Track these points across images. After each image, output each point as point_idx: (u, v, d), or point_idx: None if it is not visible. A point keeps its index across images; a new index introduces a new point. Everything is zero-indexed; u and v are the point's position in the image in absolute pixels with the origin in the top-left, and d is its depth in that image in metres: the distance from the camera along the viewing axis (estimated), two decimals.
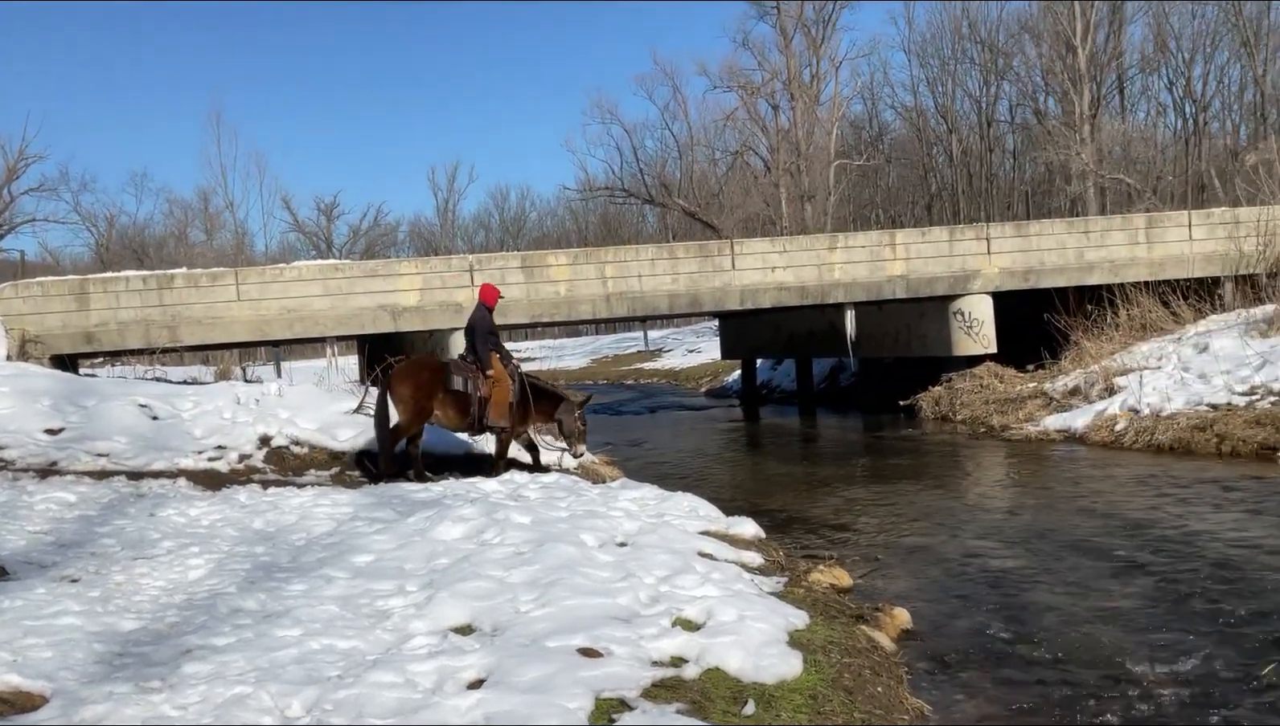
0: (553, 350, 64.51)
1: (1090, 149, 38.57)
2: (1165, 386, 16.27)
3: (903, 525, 10.80)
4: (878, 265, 21.60)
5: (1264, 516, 9.90)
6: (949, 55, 52.23)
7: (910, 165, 55.79)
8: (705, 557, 7.27)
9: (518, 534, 7.23)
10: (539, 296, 20.24)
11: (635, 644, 5.17)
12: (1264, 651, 6.12)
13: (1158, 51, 46.35)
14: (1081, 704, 5.57)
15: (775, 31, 47.30)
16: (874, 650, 6.05)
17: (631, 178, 55.22)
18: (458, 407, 11.41)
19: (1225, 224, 22.15)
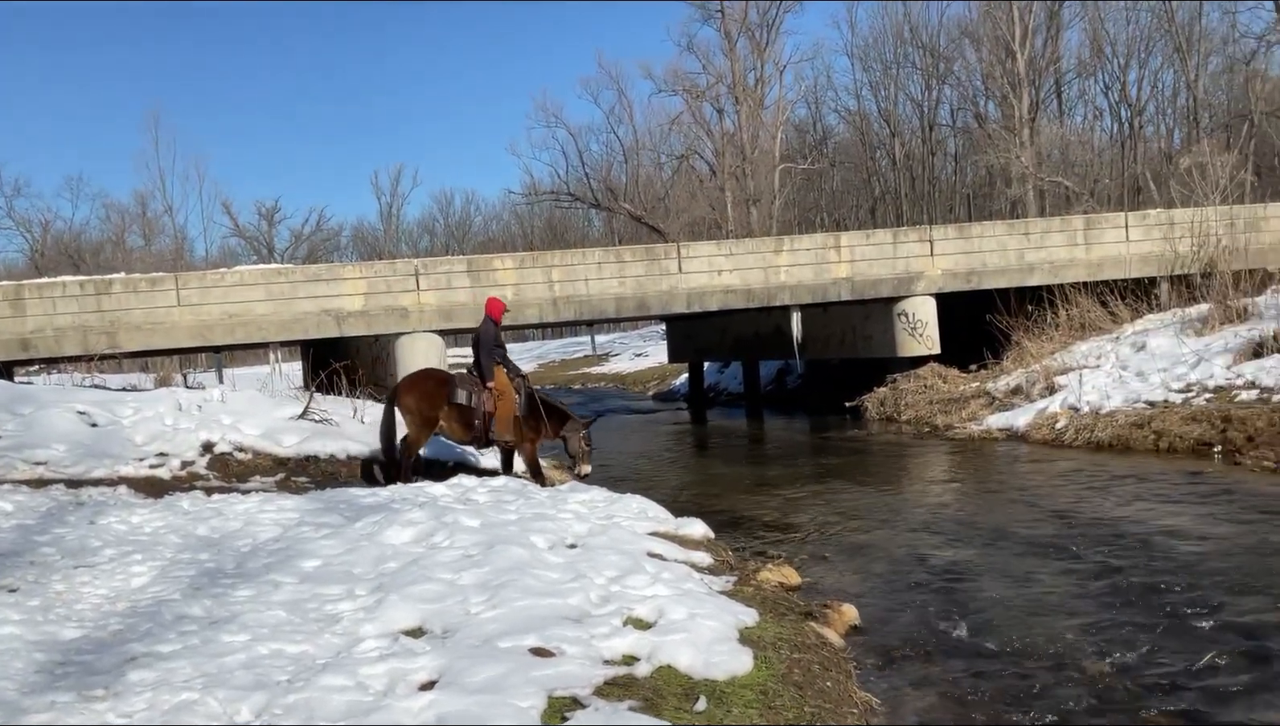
0: None
1: (1030, 152, 39.26)
2: (1104, 385, 16.61)
3: (849, 523, 10.91)
4: (823, 268, 21.81)
5: (1201, 510, 10.14)
6: (891, 59, 52.99)
7: (854, 168, 56.41)
8: (655, 558, 7.30)
9: (467, 537, 7.21)
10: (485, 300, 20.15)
11: (587, 643, 5.18)
12: (1204, 640, 6.26)
13: (1094, 56, 47.36)
14: (1027, 694, 5.67)
15: (719, 35, 47.65)
16: (823, 646, 6.11)
17: (577, 181, 55.27)
18: (462, 420, 11.49)
19: (1160, 225, 22.66)
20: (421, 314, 19.67)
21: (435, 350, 19.67)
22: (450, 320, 19.91)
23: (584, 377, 54.37)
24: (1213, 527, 9.30)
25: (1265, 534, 8.86)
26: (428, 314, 19.70)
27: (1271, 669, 5.72)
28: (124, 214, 69.45)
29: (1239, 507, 10.05)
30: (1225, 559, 8.11)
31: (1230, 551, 8.36)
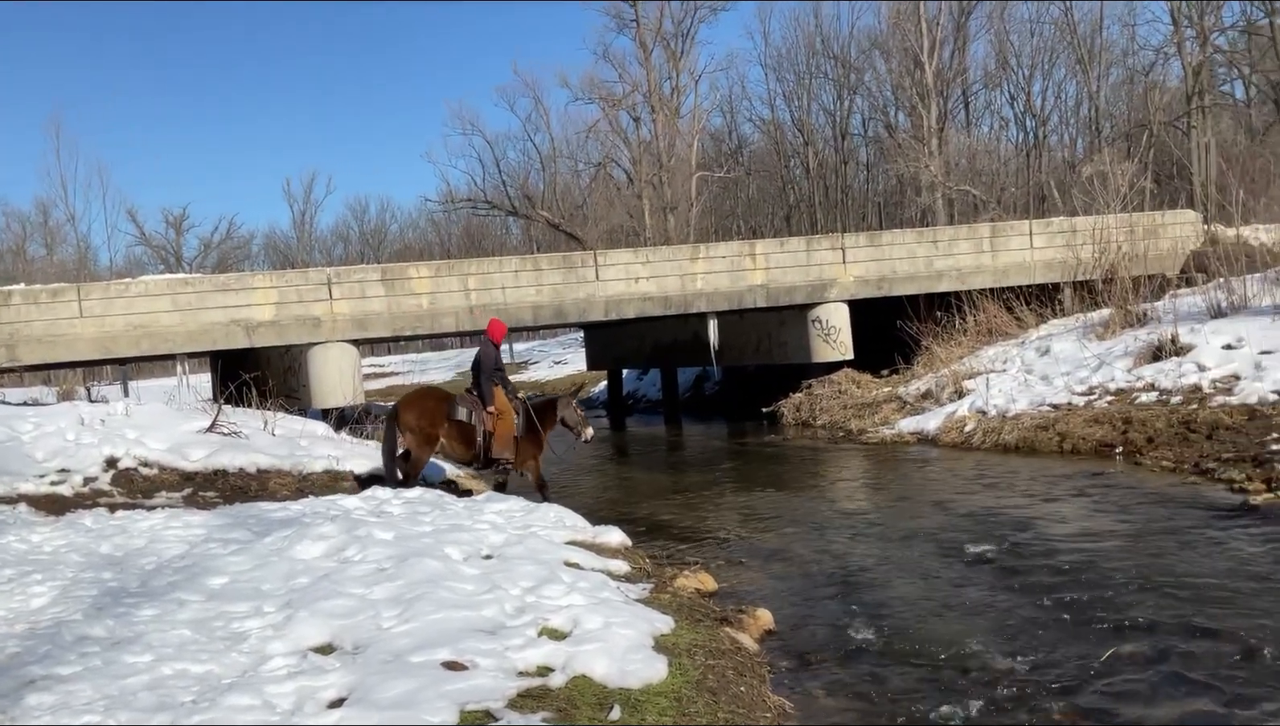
0: (416, 363, 63.50)
1: (938, 161, 40.13)
2: (1010, 388, 17.04)
3: (766, 528, 11.03)
4: (739, 275, 22.02)
5: (1103, 511, 10.46)
6: (803, 70, 53.65)
7: (769, 177, 57.01)
8: (572, 567, 7.30)
9: (380, 550, 7.12)
10: (401, 309, 19.96)
11: (501, 655, 5.15)
12: (1104, 638, 6.45)
13: (999, 68, 48.61)
14: (933, 693, 5.79)
15: (635, 44, 47.79)
16: (737, 651, 6.16)
17: (494, 189, 54.95)
18: (463, 439, 11.62)
19: (1063, 232, 23.34)
20: (335, 323, 19.39)
21: (349, 360, 19.41)
22: (364, 329, 19.66)
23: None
24: (1114, 527, 9.60)
25: (1164, 533, 9.17)
26: (341, 323, 19.42)
27: (1169, 666, 5.91)
28: (25, 222, 67.29)
29: (1139, 507, 10.38)
30: (1125, 558, 8.37)
31: (1130, 550, 8.63)
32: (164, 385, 24.68)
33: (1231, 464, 11.45)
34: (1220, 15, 39.68)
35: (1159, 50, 42.47)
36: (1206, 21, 37.88)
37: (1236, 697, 5.39)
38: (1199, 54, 37.44)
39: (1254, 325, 16.25)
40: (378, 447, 12.86)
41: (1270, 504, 9.79)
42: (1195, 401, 14.26)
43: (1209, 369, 15.16)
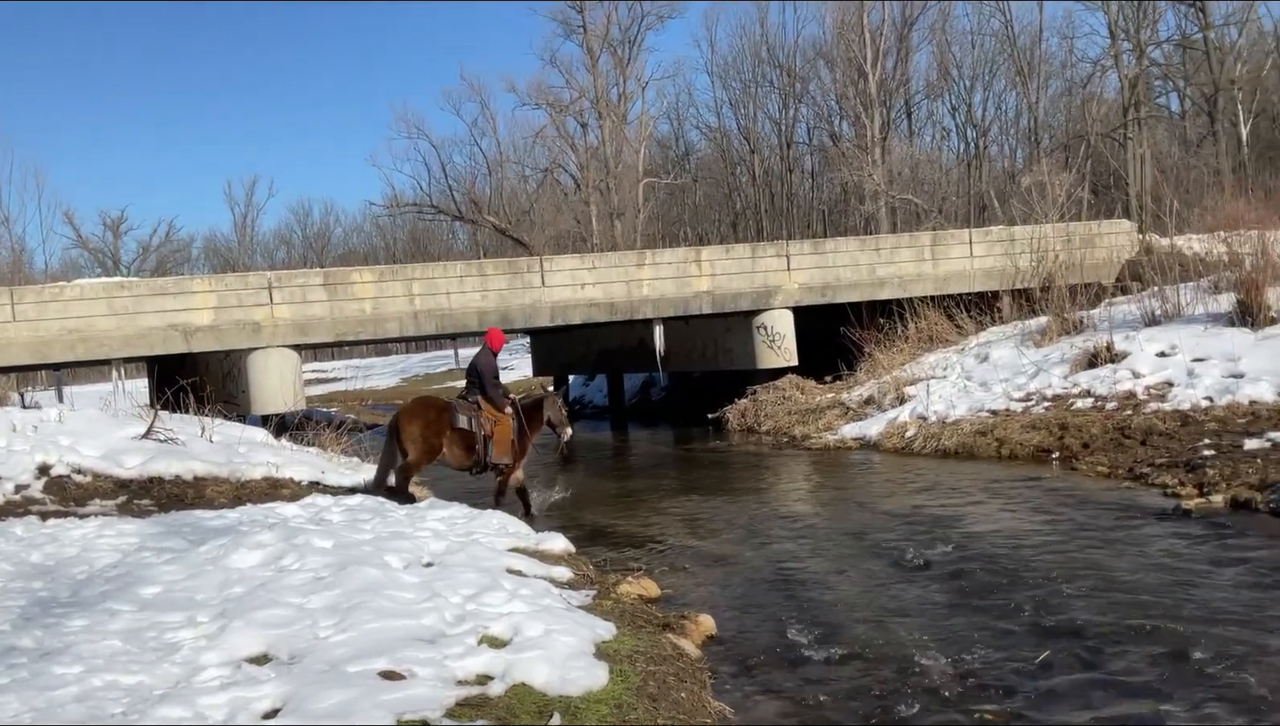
0: (360, 369, 62.89)
1: (881, 170, 40.60)
2: (950, 394, 17.27)
3: (710, 534, 11.06)
4: (684, 281, 22.09)
5: (1039, 515, 10.62)
6: (749, 78, 54.06)
7: (716, 184, 57.31)
8: (514, 574, 7.26)
9: (318, 558, 7.03)
10: (343, 314, 19.76)
11: (440, 664, 5.11)
12: (1041, 639, 6.54)
13: (941, 79, 49.37)
14: (871, 696, 5.84)
15: (582, 51, 47.85)
16: (679, 657, 6.17)
17: (440, 194, 54.63)
18: (464, 446, 11.89)
19: (1002, 241, 23.72)
20: (275, 328, 19.13)
21: (290, 366, 19.17)
22: (306, 335, 19.43)
23: (448, 392, 53.67)
24: (1049, 531, 9.75)
25: (1098, 537, 9.33)
26: (282, 328, 19.18)
27: (1101, 667, 6.02)
28: None
29: (1074, 512, 10.56)
30: (1060, 561, 8.50)
31: (1065, 554, 8.78)
32: (100, 391, 24.18)
33: (1165, 469, 11.70)
34: (1156, 29, 40.67)
35: (1096, 63, 43.42)
36: (1143, 35, 38.77)
37: (1166, 698, 5.50)
38: (1135, 67, 38.30)
39: (1187, 333, 16.64)
40: (318, 453, 12.73)
41: (1202, 508, 10.01)
42: (1130, 408, 14.56)
43: (1143, 376, 15.48)
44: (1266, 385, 13.79)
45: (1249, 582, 7.49)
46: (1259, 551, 8.31)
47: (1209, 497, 10.27)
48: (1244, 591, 7.28)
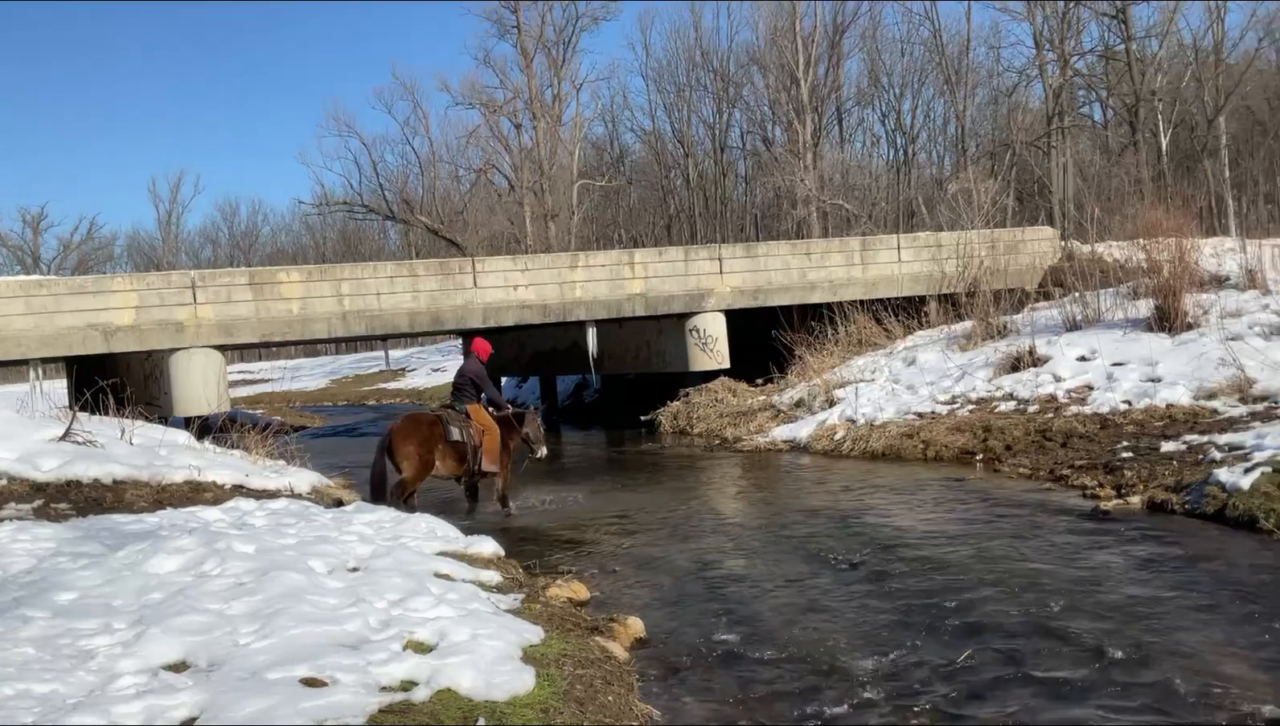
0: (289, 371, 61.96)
1: (813, 175, 41.01)
2: (878, 397, 17.51)
3: (640, 536, 11.07)
4: (618, 284, 22.10)
5: (962, 516, 10.81)
6: (684, 82, 54.26)
7: (650, 187, 57.42)
8: (442, 578, 7.19)
9: (240, 563, 6.89)
10: (270, 315, 19.43)
11: (363, 670, 5.04)
12: (962, 639, 6.65)
13: (872, 86, 50.05)
14: (798, 697, 5.89)
15: (516, 51, 47.58)
16: (607, 660, 6.16)
17: (371, 193, 53.99)
18: (456, 457, 12.19)
19: (930, 247, 24.10)
20: (199, 329, 18.76)
21: (214, 367, 18.80)
22: (231, 335, 19.07)
23: (379, 393, 53.17)
24: (973, 532, 9.92)
25: (1020, 538, 9.52)
26: (205, 329, 18.80)
27: (1020, 666, 6.13)
28: None
29: (997, 513, 10.76)
30: (983, 562, 8.66)
31: (988, 554, 8.94)
32: (16, 392, 23.48)
33: (1084, 471, 11.98)
34: (1080, 40, 41.65)
35: (1022, 72, 44.28)
36: (1067, 46, 39.64)
37: (1084, 696, 5.62)
38: (1059, 77, 39.14)
39: (1106, 338, 17.06)
40: (242, 456, 12.50)
41: (1120, 509, 10.27)
42: (1051, 411, 14.88)
43: (1064, 379, 15.84)
44: (1183, 389, 14.19)
45: (1164, 582, 7.69)
46: (1174, 551, 8.54)
47: (1127, 499, 10.53)
48: (1159, 590, 7.47)
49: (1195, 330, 16.32)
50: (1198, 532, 9.13)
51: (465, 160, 54.56)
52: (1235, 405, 13.26)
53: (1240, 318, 16.26)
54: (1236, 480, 9.53)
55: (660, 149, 56.30)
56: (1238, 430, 11.85)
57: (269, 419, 18.72)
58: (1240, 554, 8.29)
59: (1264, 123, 45.08)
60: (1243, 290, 17.95)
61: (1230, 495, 9.43)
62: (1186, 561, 8.20)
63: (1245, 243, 20.22)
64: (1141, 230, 19.80)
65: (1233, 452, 10.79)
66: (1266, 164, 44.04)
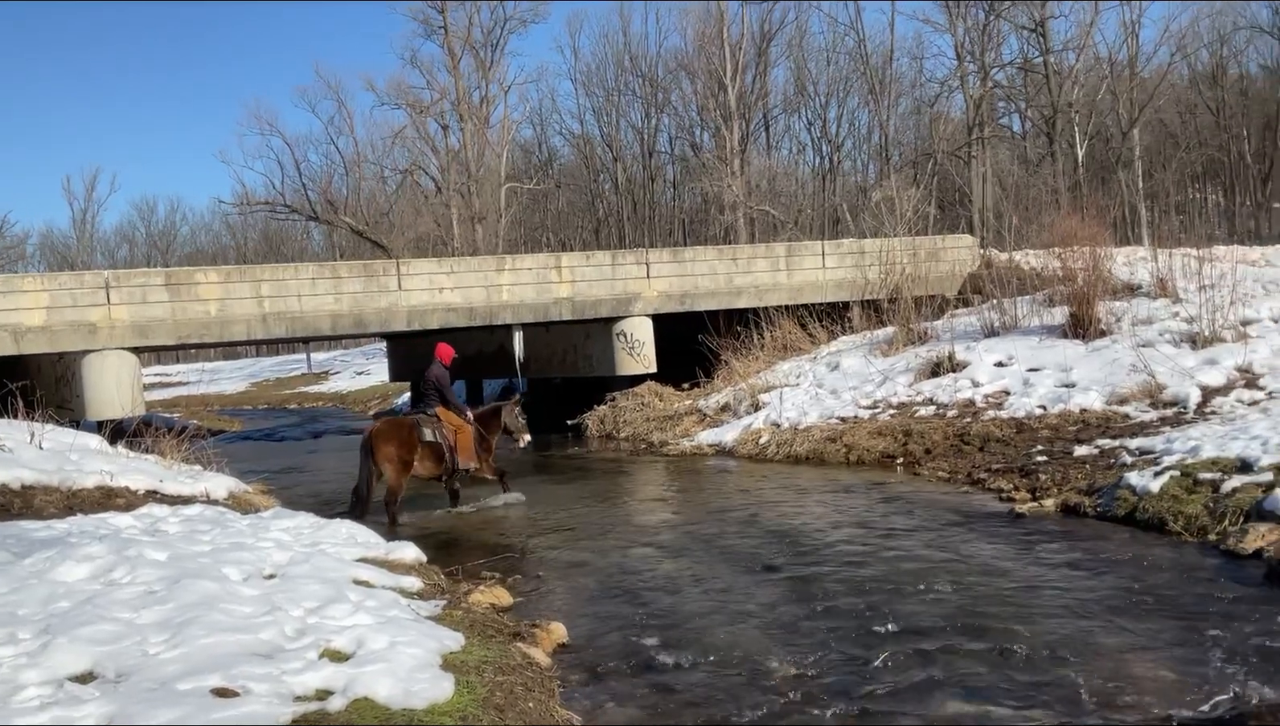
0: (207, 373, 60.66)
1: (740, 181, 41.34)
2: (803, 402, 17.69)
3: (565, 541, 11.03)
4: (545, 287, 22.03)
5: (883, 519, 10.96)
6: (613, 86, 54.35)
7: (579, 191, 57.41)
8: (361, 585, 7.08)
9: (151, 571, 6.71)
10: (186, 316, 19.00)
11: (277, 679, 4.93)
12: (882, 641, 6.73)
13: (798, 94, 50.63)
14: (720, 701, 5.91)
15: (443, 52, 47.21)
16: (529, 666, 6.12)
17: (294, 193, 53.04)
18: (434, 457, 12.62)
19: (853, 254, 24.42)
20: (113, 330, 18.27)
21: (128, 369, 18.33)
22: (146, 337, 18.61)
23: (300, 397, 52.34)
24: (892, 535, 10.07)
25: (937, 540, 9.68)
26: (120, 330, 18.32)
27: (938, 667, 6.23)
28: None
29: (916, 516, 10.93)
30: (901, 564, 8.79)
31: (906, 557, 9.07)
32: None
33: (1000, 474, 12.23)
34: (1000, 53, 42.60)
35: (944, 83, 45.13)
36: (987, 58, 40.53)
37: (999, 696, 5.73)
38: (980, 88, 39.99)
39: (1023, 344, 17.45)
40: (157, 461, 12.19)
41: (1034, 512, 10.49)
42: (969, 415, 15.17)
43: (982, 385, 16.16)
44: (1095, 394, 14.56)
45: (1077, 584, 7.88)
46: (1086, 553, 8.75)
47: (1041, 502, 10.77)
48: (1072, 592, 7.65)
49: (1108, 337, 16.77)
50: (1109, 535, 9.37)
51: (391, 161, 54.02)
52: (1146, 410, 13.64)
53: (1151, 325, 16.74)
54: (1146, 483, 9.80)
55: (589, 153, 56.31)
56: (1148, 435, 12.19)
57: (186, 423, 18.27)
58: (1150, 556, 8.52)
59: (1176, 135, 46.60)
60: (1154, 298, 18.48)
61: (1140, 498, 9.69)
62: (1099, 563, 8.41)
63: (1157, 252, 20.81)
64: (1057, 239, 20.29)
65: (1143, 457, 11.09)
66: (1178, 175, 45.53)
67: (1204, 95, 47.18)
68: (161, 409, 38.52)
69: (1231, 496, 8.94)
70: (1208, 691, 5.55)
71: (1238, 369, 14.06)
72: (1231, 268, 17.12)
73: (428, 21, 46.99)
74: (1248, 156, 45.91)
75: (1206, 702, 5.43)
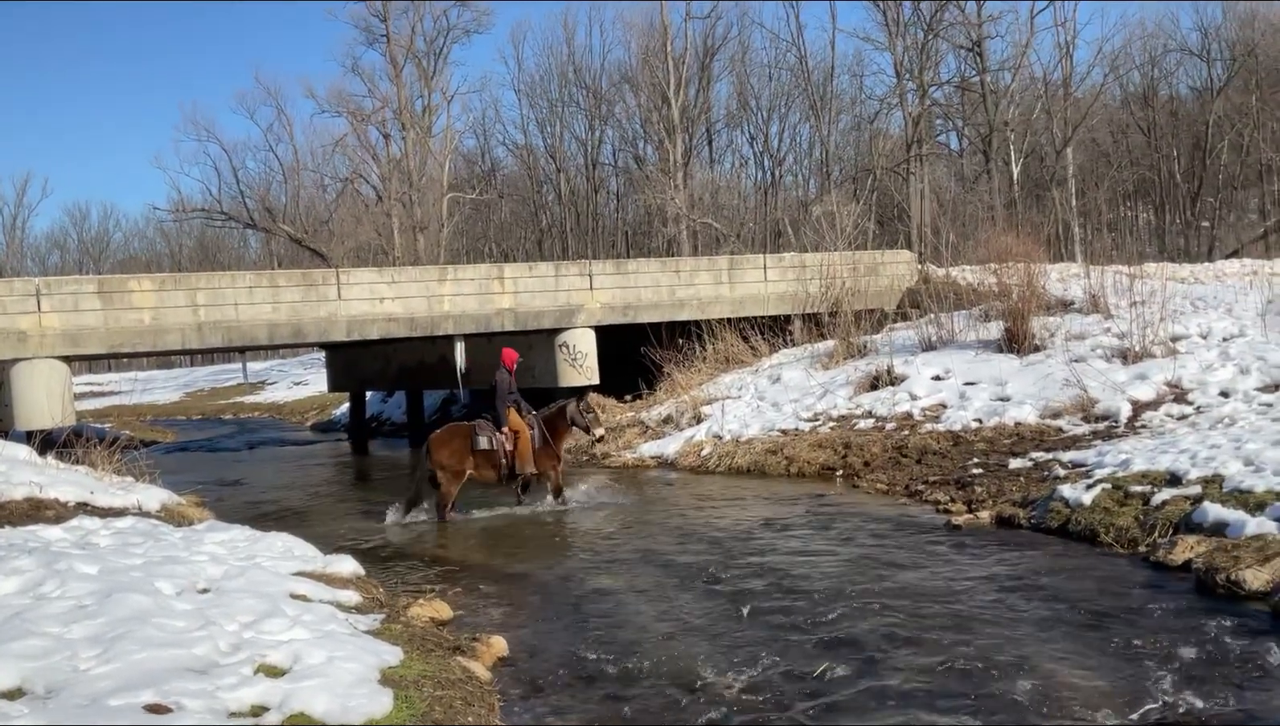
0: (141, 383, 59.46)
1: (683, 194, 41.53)
2: (744, 414, 17.80)
3: (506, 554, 10.99)
4: (487, 298, 21.92)
5: (822, 531, 11.05)
6: (556, 98, 54.34)
7: (522, 201, 57.25)
8: (298, 599, 6.99)
9: (82, 585, 6.56)
10: (119, 324, 18.60)
11: (211, 695, 4.85)
12: (821, 653, 6.79)
13: (740, 109, 51.02)
14: (661, 713, 5.92)
15: (385, 60, 46.83)
16: (469, 680, 6.08)
17: (231, 200, 52.30)
18: (490, 464, 13.25)
19: (795, 267, 24.62)
20: (43, 338, 17.84)
21: (59, 378, 17.90)
22: (77, 346, 18.21)
23: (236, 407, 51.56)
24: (832, 547, 10.16)
25: (876, 552, 9.79)
26: (50, 338, 17.89)
27: (876, 678, 6.30)
28: None
29: (855, 528, 11.04)
30: (840, 575, 8.88)
31: (846, 568, 9.17)
32: None
33: (937, 486, 12.40)
34: (938, 71, 43.32)
35: (883, 101, 45.77)
36: (926, 76, 41.19)
37: (935, 705, 5.80)
38: (918, 106, 40.61)
39: (959, 358, 17.73)
40: (87, 472, 11.93)
41: (970, 524, 10.66)
42: (907, 428, 15.37)
43: (920, 398, 16.38)
44: (1029, 408, 14.84)
45: (1011, 594, 8.01)
46: (1020, 565, 8.91)
47: (977, 514, 10.94)
48: (1006, 603, 7.78)
49: (1042, 352, 17.09)
50: (1043, 546, 9.55)
51: (331, 169, 53.45)
52: (1079, 424, 13.92)
53: (1084, 340, 17.10)
54: (1079, 496, 10.00)
55: (532, 164, 56.20)
56: (1080, 448, 12.45)
57: (118, 433, 17.91)
58: (1082, 567, 8.70)
59: (1108, 154, 47.70)
60: (1086, 314, 18.89)
61: (1073, 510, 9.88)
62: (1032, 574, 8.56)
63: (1089, 268, 21.27)
64: (993, 255, 20.66)
65: (1075, 469, 11.33)
66: (1110, 194, 46.60)
67: (1135, 116, 48.36)
68: (93, 419, 37.68)
69: (1161, 509, 9.15)
70: (1138, 701, 5.68)
71: (1167, 384, 14.41)
72: (1162, 285, 17.56)
73: (370, 29, 46.63)
74: (1177, 176, 47.11)
75: (1136, 711, 5.55)
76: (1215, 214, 45.22)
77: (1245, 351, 14.95)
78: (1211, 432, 11.56)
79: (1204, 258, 36.36)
